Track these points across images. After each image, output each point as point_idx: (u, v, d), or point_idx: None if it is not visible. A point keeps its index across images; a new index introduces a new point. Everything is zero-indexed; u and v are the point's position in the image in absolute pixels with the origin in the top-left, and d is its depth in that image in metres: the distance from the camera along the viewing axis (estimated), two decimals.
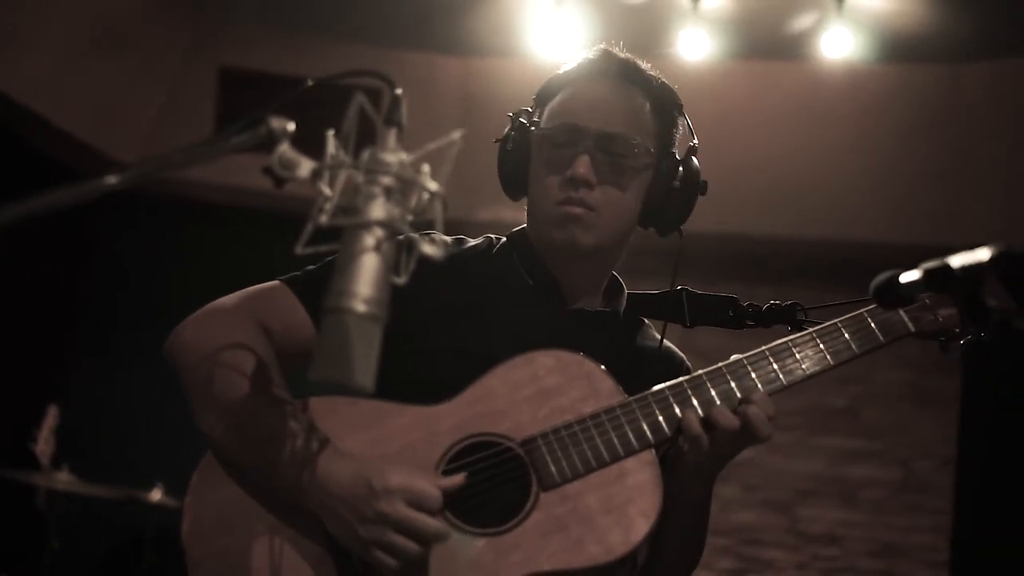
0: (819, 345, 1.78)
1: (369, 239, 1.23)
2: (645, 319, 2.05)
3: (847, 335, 1.79)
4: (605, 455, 1.70)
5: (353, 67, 1.38)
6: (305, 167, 1.27)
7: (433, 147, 1.28)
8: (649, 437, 1.72)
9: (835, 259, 5.89)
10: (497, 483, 1.70)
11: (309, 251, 1.26)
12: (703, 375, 1.76)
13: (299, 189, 1.29)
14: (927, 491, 6.28)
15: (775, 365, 1.76)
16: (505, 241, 1.99)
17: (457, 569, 1.64)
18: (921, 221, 5.91)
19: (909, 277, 1.42)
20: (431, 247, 1.31)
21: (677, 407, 1.73)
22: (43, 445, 4.73)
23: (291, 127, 1.27)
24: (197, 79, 6.09)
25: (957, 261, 1.34)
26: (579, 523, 1.67)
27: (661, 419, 1.72)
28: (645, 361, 1.96)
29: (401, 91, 1.31)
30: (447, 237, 1.94)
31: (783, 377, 1.76)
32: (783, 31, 5.67)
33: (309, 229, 1.24)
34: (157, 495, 4.79)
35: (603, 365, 1.77)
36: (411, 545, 1.59)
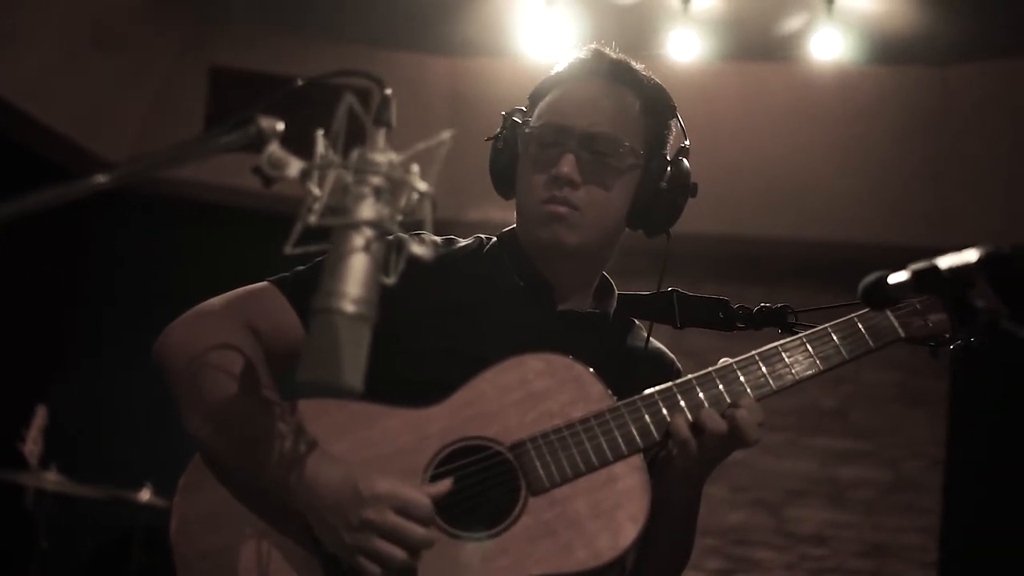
0: (809, 350, 1.78)
1: (358, 239, 1.23)
2: (636, 320, 2.05)
3: (837, 340, 1.79)
4: (594, 460, 1.70)
5: (343, 67, 1.38)
6: (294, 167, 1.27)
7: (423, 147, 1.28)
8: (638, 442, 1.71)
9: (829, 260, 5.89)
10: (486, 487, 1.70)
11: (298, 251, 1.26)
12: (692, 379, 1.76)
13: (291, 189, 1.29)
14: (916, 492, 6.29)
15: (765, 369, 1.76)
16: (495, 241, 1.99)
17: (445, 574, 1.64)
18: (916, 222, 5.93)
19: (897, 278, 1.42)
20: (420, 247, 1.31)
21: (666, 411, 1.73)
22: (31, 445, 4.72)
23: (280, 127, 1.27)
24: (188, 79, 6.08)
25: (945, 262, 1.34)
26: (568, 528, 1.67)
27: (650, 423, 1.72)
28: (636, 362, 1.95)
29: (391, 91, 1.31)
30: (437, 238, 1.94)
31: (773, 382, 1.76)
32: (773, 32, 5.68)
33: (298, 229, 1.24)
34: (146, 495, 4.78)
35: (593, 368, 1.76)
36: (397, 552, 1.58)
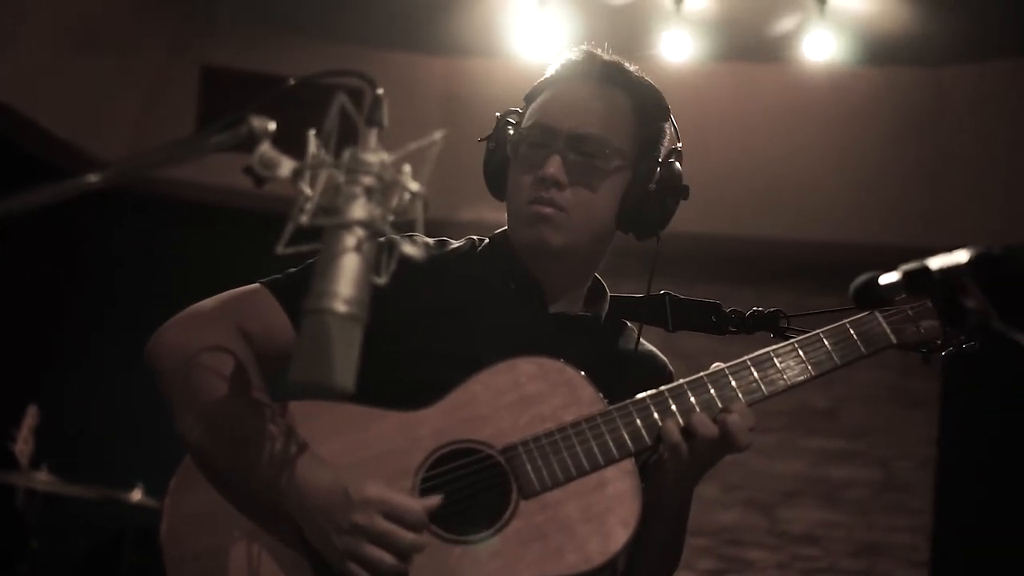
0: (801, 355, 1.78)
1: (350, 239, 1.22)
2: (628, 323, 2.04)
3: (829, 346, 1.79)
4: (585, 464, 1.70)
5: (335, 67, 1.38)
6: (286, 167, 1.27)
7: (415, 147, 1.27)
8: (629, 446, 1.72)
9: (823, 261, 5.89)
10: (477, 490, 1.70)
11: (290, 251, 1.25)
12: (684, 384, 1.76)
13: (284, 189, 1.29)
14: (908, 492, 6.31)
15: (756, 375, 1.76)
16: (487, 243, 1.99)
17: None
18: (910, 223, 5.93)
19: (888, 279, 1.42)
20: (412, 248, 1.31)
21: (657, 416, 1.73)
22: (22, 445, 4.71)
23: (272, 126, 1.26)
24: (180, 78, 6.08)
25: (936, 263, 1.35)
26: (558, 531, 1.67)
27: (641, 428, 1.72)
28: (628, 365, 1.95)
29: (382, 91, 1.31)
30: (429, 239, 1.93)
31: (764, 387, 1.76)
32: (766, 33, 5.68)
33: (290, 229, 1.24)
34: (137, 495, 4.77)
35: (585, 371, 1.76)
36: (386, 557, 1.58)
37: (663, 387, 1.75)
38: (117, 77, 5.83)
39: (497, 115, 1.98)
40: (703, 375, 1.76)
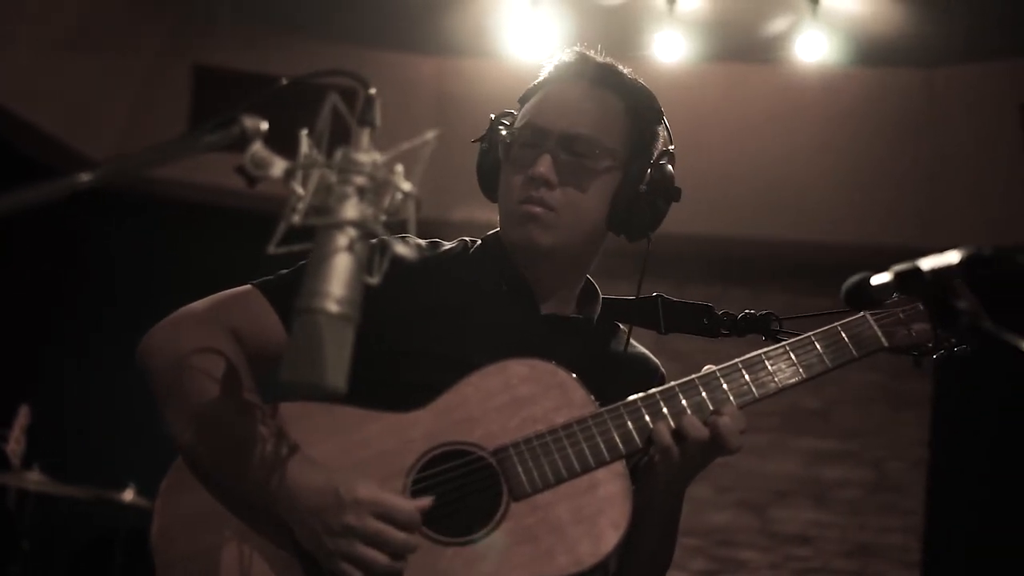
0: (792, 358, 1.78)
1: (342, 239, 1.22)
2: (620, 324, 2.04)
3: (820, 348, 1.79)
4: (576, 466, 1.70)
5: (328, 66, 1.38)
6: (278, 166, 1.27)
7: (407, 147, 1.27)
8: (620, 448, 1.71)
9: (816, 262, 5.91)
10: (468, 492, 1.70)
11: (282, 251, 1.25)
12: (676, 387, 1.76)
13: (277, 188, 1.29)
14: (900, 492, 6.32)
15: (748, 377, 1.76)
16: (479, 244, 1.99)
17: None
18: (904, 224, 5.95)
19: (880, 279, 1.42)
20: (404, 248, 1.31)
21: (649, 418, 1.72)
22: (14, 444, 4.69)
23: (264, 126, 1.26)
24: (172, 77, 6.07)
25: (927, 264, 1.35)
26: (549, 533, 1.67)
27: (632, 430, 1.72)
28: (620, 367, 1.95)
29: (375, 91, 1.31)
30: (422, 240, 1.93)
31: (755, 390, 1.76)
32: (758, 34, 5.69)
33: (282, 228, 1.24)
34: (129, 495, 4.76)
35: (576, 373, 1.76)
36: (379, 558, 1.58)
37: (654, 390, 1.75)
38: (109, 76, 5.82)
39: (491, 116, 1.98)
40: (694, 377, 1.76)
